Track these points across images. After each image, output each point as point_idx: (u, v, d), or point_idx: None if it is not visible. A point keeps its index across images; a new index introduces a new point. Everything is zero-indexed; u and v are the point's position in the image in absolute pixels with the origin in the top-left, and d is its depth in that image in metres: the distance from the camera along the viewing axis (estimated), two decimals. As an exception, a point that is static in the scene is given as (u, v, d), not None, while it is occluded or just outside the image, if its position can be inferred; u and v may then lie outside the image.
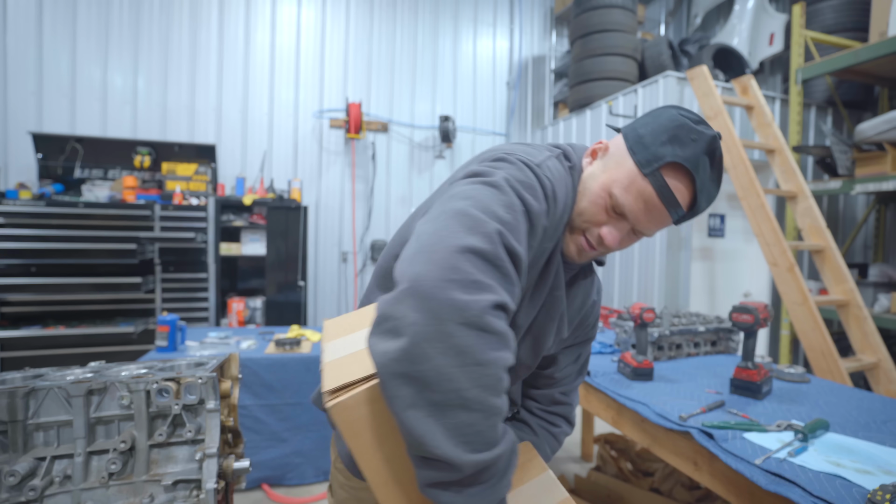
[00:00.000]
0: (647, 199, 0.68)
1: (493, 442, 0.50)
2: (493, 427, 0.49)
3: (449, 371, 0.47)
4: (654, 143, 0.66)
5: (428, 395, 0.47)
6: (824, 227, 2.87)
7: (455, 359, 0.47)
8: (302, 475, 2.39)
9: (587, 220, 0.72)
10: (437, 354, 0.47)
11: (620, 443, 2.42)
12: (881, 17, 2.92)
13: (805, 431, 1.08)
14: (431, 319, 0.47)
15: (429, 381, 0.47)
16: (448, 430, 0.47)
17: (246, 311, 3.85)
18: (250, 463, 0.85)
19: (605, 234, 0.71)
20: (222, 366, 0.95)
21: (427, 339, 0.47)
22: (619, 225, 0.71)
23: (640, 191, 0.68)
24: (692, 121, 0.67)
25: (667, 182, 0.66)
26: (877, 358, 2.64)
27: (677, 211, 0.68)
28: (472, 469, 0.48)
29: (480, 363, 0.48)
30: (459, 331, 0.47)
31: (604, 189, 0.70)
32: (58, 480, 0.73)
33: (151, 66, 4.04)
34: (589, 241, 0.73)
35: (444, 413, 0.47)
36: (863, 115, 3.90)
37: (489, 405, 0.48)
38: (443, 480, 0.50)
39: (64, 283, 3.21)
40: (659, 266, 3.41)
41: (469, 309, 0.48)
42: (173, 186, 3.78)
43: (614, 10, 4.08)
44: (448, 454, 0.47)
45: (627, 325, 1.90)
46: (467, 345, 0.47)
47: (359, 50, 4.61)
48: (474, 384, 0.47)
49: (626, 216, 0.70)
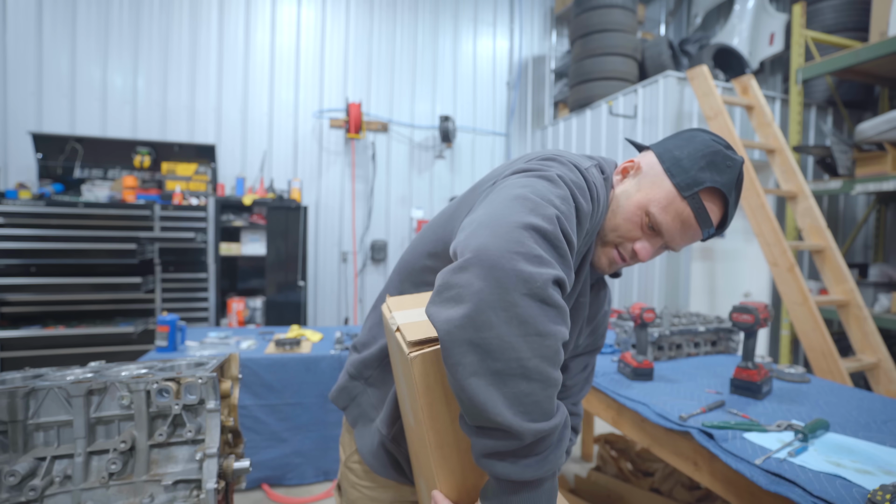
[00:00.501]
0: (685, 219, 0.73)
1: (550, 413, 0.50)
2: (551, 398, 0.50)
3: (512, 340, 0.47)
4: (693, 168, 0.71)
5: (490, 364, 0.48)
6: (824, 227, 2.87)
7: (518, 328, 0.48)
8: (302, 475, 2.39)
9: (621, 236, 0.76)
10: (501, 323, 0.47)
11: (620, 443, 2.42)
12: (881, 16, 2.91)
13: (805, 431, 1.08)
14: (496, 288, 0.48)
15: (492, 349, 0.47)
16: (508, 399, 0.48)
17: (246, 311, 3.85)
18: (250, 463, 0.85)
19: (639, 248, 0.75)
20: (222, 366, 0.95)
21: (492, 307, 0.47)
22: (653, 241, 0.76)
23: (678, 211, 0.73)
24: (723, 146, 0.73)
25: (704, 204, 0.72)
26: (877, 358, 2.64)
27: (709, 230, 0.74)
28: (531, 437, 0.49)
29: (542, 334, 0.49)
30: (524, 301, 0.48)
31: (640, 207, 0.74)
32: (58, 480, 0.73)
33: (151, 66, 4.04)
34: (622, 255, 0.77)
35: (506, 382, 0.48)
36: (863, 115, 3.90)
37: (548, 376, 0.49)
38: (500, 450, 0.50)
39: (64, 283, 3.21)
40: (659, 266, 3.41)
41: (534, 280, 0.49)
42: (173, 186, 3.78)
43: (614, 10, 4.08)
44: (509, 422, 0.48)
45: (627, 325, 1.90)
46: (530, 315, 0.48)
47: (359, 50, 4.61)
48: (535, 354, 0.48)
49: (661, 234, 0.75)
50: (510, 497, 0.52)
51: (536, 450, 0.51)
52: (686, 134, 0.76)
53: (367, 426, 0.85)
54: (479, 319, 0.47)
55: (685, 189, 0.71)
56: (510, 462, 0.51)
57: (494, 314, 0.47)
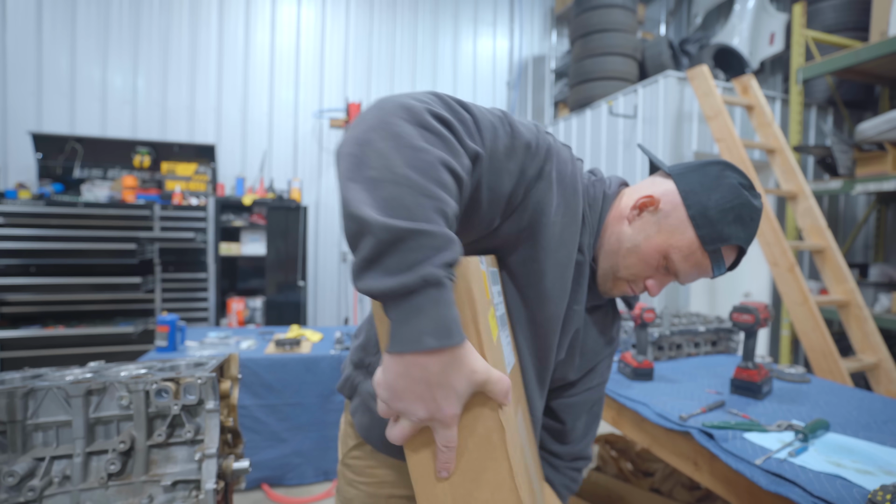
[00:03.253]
0: (702, 267, 0.74)
1: (418, 218, 0.47)
2: (421, 205, 0.48)
3: (386, 151, 0.50)
4: (721, 222, 0.71)
5: (365, 171, 0.50)
6: (825, 227, 2.86)
7: (392, 142, 0.51)
8: (302, 475, 2.39)
9: (635, 274, 0.77)
10: (378, 139, 0.51)
11: (620, 443, 2.42)
12: (882, 16, 2.91)
13: (805, 431, 1.08)
14: (379, 115, 0.53)
15: (367, 158, 0.50)
16: (375, 199, 0.48)
17: (246, 311, 3.85)
18: (250, 463, 0.85)
19: (651, 286, 0.76)
20: (222, 366, 0.95)
21: (373, 128, 0.52)
22: (666, 279, 0.77)
23: (697, 261, 0.74)
24: (748, 190, 0.72)
25: (723, 255, 0.73)
26: (877, 358, 2.64)
27: (722, 273, 0.76)
28: (382, 231, 0.46)
29: (415, 147, 0.51)
30: (401, 122, 0.52)
31: (659, 252, 0.74)
32: (57, 481, 0.73)
33: (151, 66, 4.04)
34: (632, 289, 0.79)
35: (376, 186, 0.49)
36: (863, 115, 3.90)
37: (419, 184, 0.49)
38: (364, 257, 0.47)
39: (63, 283, 3.21)
40: (659, 266, 3.41)
41: (413, 108, 0.53)
42: (173, 186, 3.78)
43: (615, 10, 4.08)
44: (363, 213, 0.47)
45: (627, 325, 1.90)
46: (405, 132, 0.51)
47: (359, 50, 4.61)
48: (406, 163, 0.50)
49: (675, 276, 0.76)
50: (388, 316, 0.49)
51: (399, 249, 0.46)
52: (712, 171, 0.73)
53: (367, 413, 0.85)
54: (362, 138, 0.52)
55: (709, 243, 0.71)
56: (374, 270, 0.47)
57: (374, 133, 0.52)
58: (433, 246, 0.47)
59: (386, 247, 0.46)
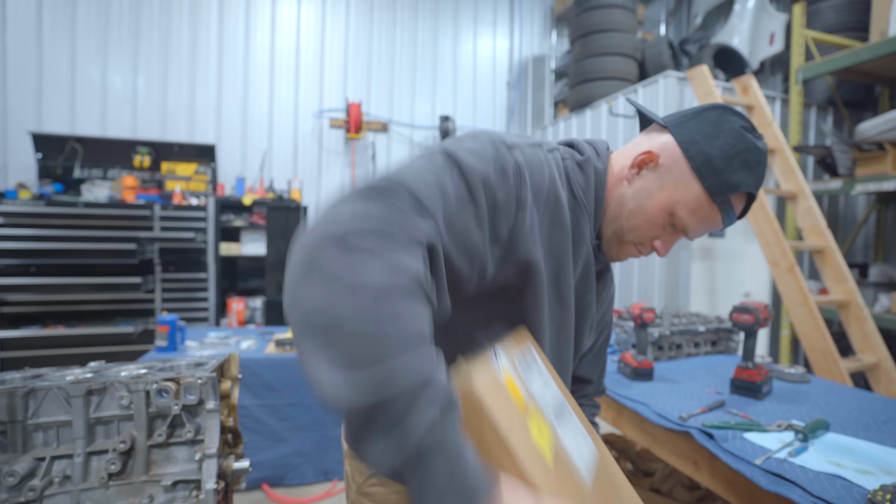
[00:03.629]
0: (711, 220, 0.69)
1: (382, 378, 0.40)
2: (381, 359, 0.41)
3: (325, 303, 0.44)
4: (727, 171, 0.65)
5: (313, 332, 0.43)
6: (825, 227, 2.86)
7: (330, 289, 0.44)
8: (302, 475, 2.39)
9: (641, 237, 0.72)
10: (316, 290, 0.45)
11: (620, 443, 2.42)
12: (881, 16, 2.91)
13: (805, 431, 1.08)
14: (308, 259, 0.46)
15: (311, 315, 0.44)
16: (332, 369, 0.41)
17: (246, 311, 3.85)
18: (250, 463, 0.85)
19: (659, 246, 0.72)
20: (222, 366, 0.95)
21: (306, 276, 0.45)
22: (674, 237, 0.73)
23: (706, 214, 0.68)
24: (751, 132, 0.67)
25: (733, 205, 0.67)
26: (877, 358, 2.64)
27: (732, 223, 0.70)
28: (350, 411, 0.40)
29: (354, 288, 0.44)
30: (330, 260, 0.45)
31: (664, 210, 0.69)
32: (57, 481, 0.73)
33: (151, 66, 4.04)
34: (639, 251, 0.74)
35: (329, 346, 0.42)
36: (863, 115, 3.90)
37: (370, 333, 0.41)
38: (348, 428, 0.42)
39: (64, 283, 3.21)
40: (659, 266, 3.41)
41: (338, 238, 0.46)
42: (173, 186, 3.78)
43: (614, 10, 4.08)
44: (324, 389, 0.41)
45: (627, 325, 1.90)
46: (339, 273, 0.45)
47: (359, 50, 4.61)
48: (352, 312, 0.43)
49: (684, 233, 0.71)
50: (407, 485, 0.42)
51: (377, 428, 0.40)
52: (711, 117, 0.67)
53: None
54: (299, 289, 0.45)
55: (717, 194, 0.66)
56: (366, 448, 0.41)
57: (309, 282, 0.45)
58: (410, 403, 0.40)
59: (363, 428, 0.41)
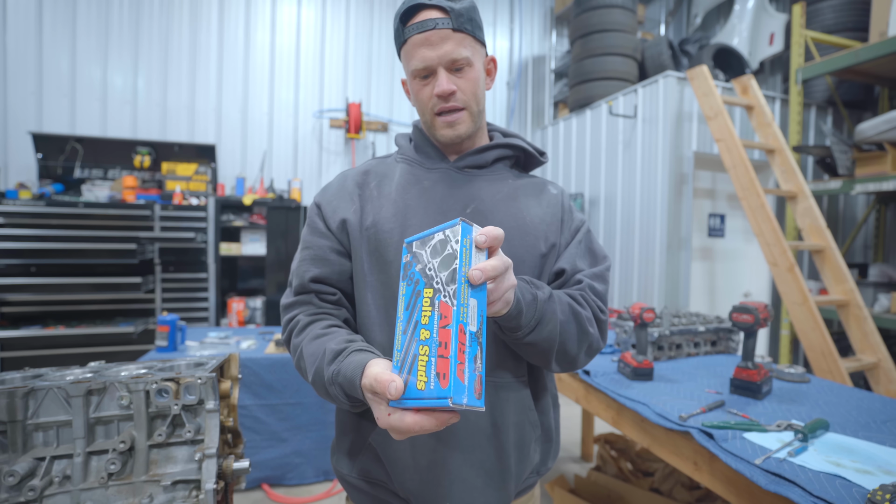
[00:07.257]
0: (413, 51, 0.80)
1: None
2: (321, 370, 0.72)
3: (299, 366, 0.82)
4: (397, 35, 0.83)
5: None
6: (824, 227, 2.87)
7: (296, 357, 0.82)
8: (302, 475, 2.39)
9: (424, 104, 0.84)
10: None
11: (620, 443, 2.42)
12: (881, 16, 2.92)
13: (805, 431, 1.08)
14: None
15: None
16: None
17: (246, 311, 3.85)
18: (250, 463, 0.85)
19: (436, 90, 0.81)
20: (222, 366, 0.95)
21: None
22: (433, 80, 0.81)
23: (407, 56, 0.82)
24: None
25: (407, 39, 0.80)
26: (877, 358, 2.64)
27: (426, 24, 0.78)
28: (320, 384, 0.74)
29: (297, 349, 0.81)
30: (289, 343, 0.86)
31: (407, 84, 0.87)
32: (57, 481, 0.73)
33: (151, 66, 4.04)
34: (440, 109, 0.82)
35: None
36: (863, 115, 3.90)
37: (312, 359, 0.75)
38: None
39: (64, 283, 3.21)
40: (659, 266, 3.41)
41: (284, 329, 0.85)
42: (173, 186, 3.78)
43: (614, 10, 4.08)
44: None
45: (627, 325, 1.90)
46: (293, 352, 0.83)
47: (359, 50, 4.61)
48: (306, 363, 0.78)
49: (429, 70, 0.80)
50: None
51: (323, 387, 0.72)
52: None
53: None
54: None
55: (399, 49, 0.83)
56: None
57: None
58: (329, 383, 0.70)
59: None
